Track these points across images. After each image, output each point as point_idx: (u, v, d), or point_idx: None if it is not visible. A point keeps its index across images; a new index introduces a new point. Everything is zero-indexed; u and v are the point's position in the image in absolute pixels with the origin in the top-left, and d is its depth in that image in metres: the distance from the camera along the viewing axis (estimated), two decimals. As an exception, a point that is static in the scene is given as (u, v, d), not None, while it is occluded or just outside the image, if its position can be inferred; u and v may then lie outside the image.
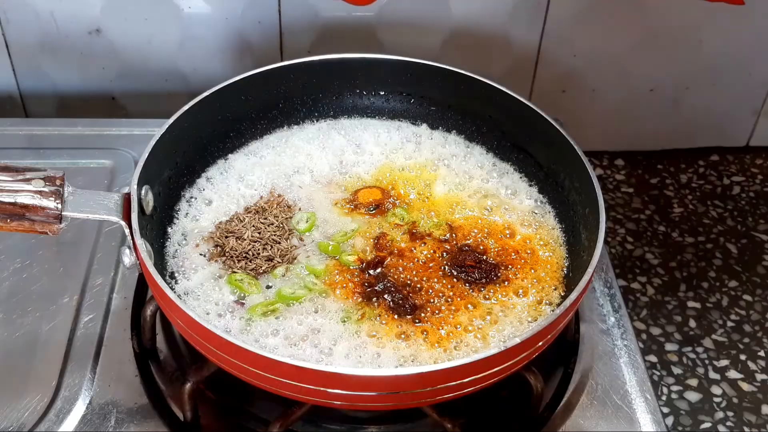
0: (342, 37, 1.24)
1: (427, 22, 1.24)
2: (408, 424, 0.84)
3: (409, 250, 0.89)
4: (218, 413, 0.84)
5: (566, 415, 0.84)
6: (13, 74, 1.25)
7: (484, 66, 1.24)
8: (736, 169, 1.40)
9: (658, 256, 1.24)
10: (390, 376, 0.69)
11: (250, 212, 0.91)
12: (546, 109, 0.93)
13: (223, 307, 0.82)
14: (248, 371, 0.71)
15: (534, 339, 0.72)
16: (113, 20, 1.20)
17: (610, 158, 1.41)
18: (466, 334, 0.81)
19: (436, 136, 1.03)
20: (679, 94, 1.35)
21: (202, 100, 0.92)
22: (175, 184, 0.92)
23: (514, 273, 0.87)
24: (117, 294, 0.93)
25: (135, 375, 0.86)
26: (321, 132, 1.03)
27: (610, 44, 1.27)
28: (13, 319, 0.90)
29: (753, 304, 1.17)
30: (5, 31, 1.20)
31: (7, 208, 0.73)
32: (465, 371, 0.69)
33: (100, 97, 1.29)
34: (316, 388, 0.69)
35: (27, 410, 0.82)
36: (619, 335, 0.92)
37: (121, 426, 0.81)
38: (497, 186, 0.97)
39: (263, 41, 1.24)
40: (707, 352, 1.11)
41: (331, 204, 0.94)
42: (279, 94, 1.01)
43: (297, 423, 0.81)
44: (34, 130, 1.15)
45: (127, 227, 0.77)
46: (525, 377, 0.80)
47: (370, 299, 0.83)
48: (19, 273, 0.95)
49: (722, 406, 1.04)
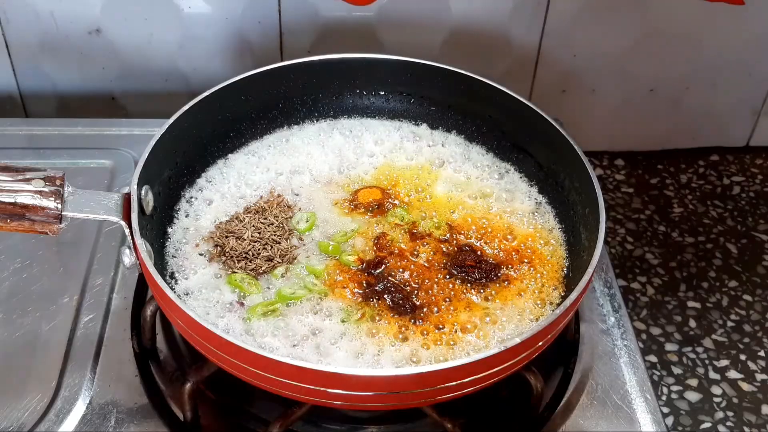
0: (342, 37, 1.24)
1: (427, 22, 1.24)
2: (408, 424, 0.84)
3: (410, 250, 0.89)
4: (218, 413, 0.84)
5: (566, 415, 0.84)
6: (13, 74, 1.25)
7: (484, 66, 1.24)
8: (736, 169, 1.40)
9: (658, 256, 1.24)
10: (390, 376, 0.69)
11: (250, 212, 0.91)
12: (546, 109, 0.93)
13: (223, 307, 0.82)
14: (248, 371, 0.71)
15: (534, 339, 0.72)
16: (113, 20, 1.20)
17: (610, 158, 1.41)
18: (466, 334, 0.81)
19: (436, 136, 1.03)
20: (679, 94, 1.35)
21: (202, 100, 0.92)
22: (175, 184, 0.92)
23: (514, 273, 0.87)
24: (117, 294, 0.93)
25: (135, 375, 0.86)
26: (321, 132, 1.03)
27: (610, 44, 1.27)
28: (13, 319, 0.90)
29: (753, 304, 1.17)
30: (5, 31, 1.20)
31: (7, 208, 0.73)
32: (465, 371, 0.69)
33: (100, 97, 1.29)
34: (316, 388, 0.69)
35: (27, 410, 0.82)
36: (619, 335, 0.92)
37: (121, 426, 0.81)
38: (497, 186, 0.97)
39: (263, 41, 1.24)
40: (707, 352, 1.11)
41: (331, 204, 0.94)
42: (279, 94, 1.01)
43: (297, 423, 0.81)
44: (34, 130, 1.15)
45: (127, 227, 0.77)
46: (525, 377, 0.80)
47: (370, 299, 0.83)
48: (19, 273, 0.95)
49: (722, 406, 1.04)
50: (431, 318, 0.82)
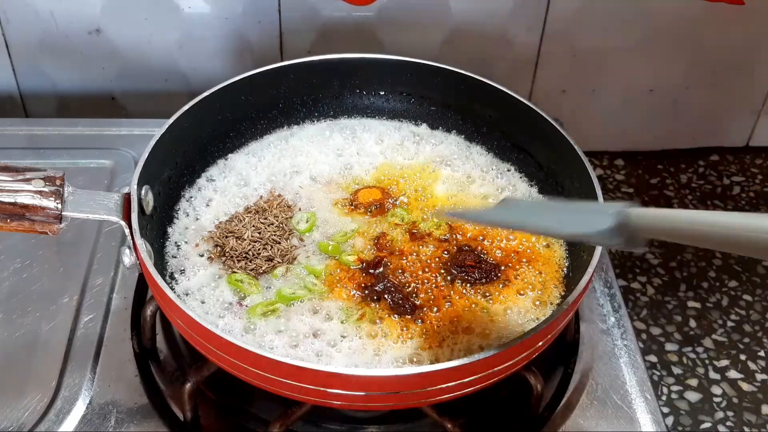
0: (342, 37, 1.24)
1: (427, 22, 1.24)
2: (408, 424, 0.84)
3: (409, 250, 0.89)
4: (218, 413, 0.84)
5: (566, 415, 0.84)
6: (13, 74, 1.25)
7: (484, 66, 1.24)
8: (736, 169, 1.40)
9: (658, 256, 1.24)
10: (390, 376, 0.69)
11: (250, 212, 0.91)
12: (546, 109, 0.93)
13: (223, 307, 0.82)
14: (248, 371, 0.71)
15: (534, 339, 0.72)
16: (113, 20, 1.20)
17: (610, 158, 1.41)
18: (466, 334, 0.81)
19: (436, 136, 1.03)
20: (679, 94, 1.35)
21: (202, 100, 0.92)
22: (175, 184, 0.92)
23: (514, 273, 0.87)
24: (117, 294, 0.93)
25: (135, 375, 0.86)
26: (321, 132, 1.03)
27: (610, 44, 1.27)
28: (13, 319, 0.90)
29: (753, 304, 1.17)
30: (5, 31, 1.20)
31: (7, 208, 0.73)
32: (465, 371, 0.69)
33: (100, 97, 1.29)
34: (316, 388, 0.69)
35: (27, 410, 0.81)
36: (619, 335, 0.92)
37: (121, 426, 0.81)
38: (497, 186, 0.97)
39: (263, 41, 1.24)
40: (707, 352, 1.11)
41: (331, 204, 0.94)
42: (279, 94, 1.01)
43: (297, 423, 0.81)
44: (34, 130, 1.15)
45: (127, 227, 0.77)
46: (525, 377, 0.80)
47: (370, 299, 0.83)
48: (19, 273, 0.95)
49: (722, 406, 1.04)
50: (431, 318, 0.82)
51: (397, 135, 1.03)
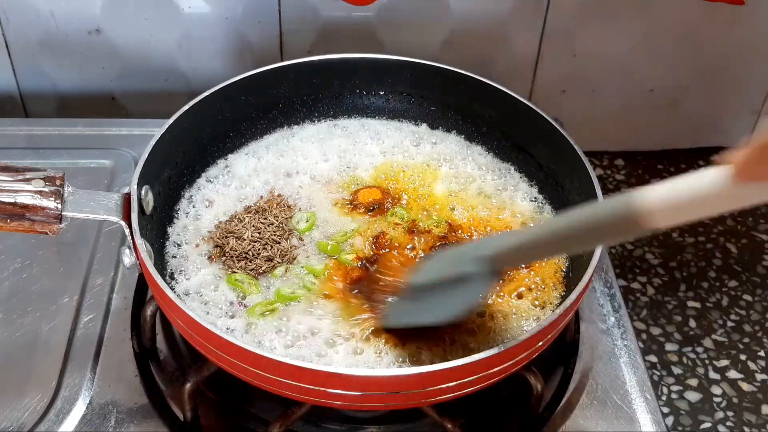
0: (342, 37, 1.24)
1: (427, 22, 1.23)
2: (408, 424, 0.84)
3: (409, 249, 0.89)
4: (218, 413, 0.84)
5: (566, 415, 0.84)
6: (13, 74, 1.25)
7: (484, 66, 1.24)
8: (736, 169, 1.40)
9: (658, 256, 1.24)
10: (390, 376, 0.69)
11: (250, 212, 0.91)
12: (546, 109, 0.93)
13: (223, 307, 0.82)
14: (248, 371, 0.71)
15: (534, 339, 0.72)
16: (113, 20, 1.20)
17: (610, 158, 1.41)
18: (466, 334, 0.81)
19: (436, 135, 1.03)
20: (679, 94, 1.35)
21: (202, 100, 0.92)
22: (175, 184, 0.92)
23: (514, 273, 0.87)
24: (117, 294, 0.93)
25: (135, 375, 0.86)
26: (321, 132, 1.03)
27: (610, 44, 1.27)
28: (13, 319, 0.90)
29: (753, 304, 1.17)
30: (5, 31, 1.20)
31: (7, 208, 0.73)
32: (465, 371, 0.69)
33: (100, 97, 1.29)
34: (316, 388, 0.69)
35: (27, 410, 0.81)
36: (619, 335, 0.92)
37: (121, 426, 0.81)
38: (497, 186, 0.97)
39: (263, 41, 1.24)
40: (707, 352, 1.11)
41: (331, 204, 0.94)
42: (279, 94, 1.01)
43: (297, 423, 0.81)
44: (34, 130, 1.15)
45: (127, 227, 0.77)
46: (525, 377, 0.80)
47: (370, 299, 0.83)
48: (19, 273, 0.95)
49: (722, 406, 1.04)
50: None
51: (397, 135, 1.03)
